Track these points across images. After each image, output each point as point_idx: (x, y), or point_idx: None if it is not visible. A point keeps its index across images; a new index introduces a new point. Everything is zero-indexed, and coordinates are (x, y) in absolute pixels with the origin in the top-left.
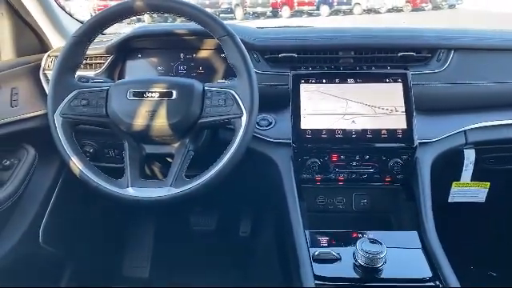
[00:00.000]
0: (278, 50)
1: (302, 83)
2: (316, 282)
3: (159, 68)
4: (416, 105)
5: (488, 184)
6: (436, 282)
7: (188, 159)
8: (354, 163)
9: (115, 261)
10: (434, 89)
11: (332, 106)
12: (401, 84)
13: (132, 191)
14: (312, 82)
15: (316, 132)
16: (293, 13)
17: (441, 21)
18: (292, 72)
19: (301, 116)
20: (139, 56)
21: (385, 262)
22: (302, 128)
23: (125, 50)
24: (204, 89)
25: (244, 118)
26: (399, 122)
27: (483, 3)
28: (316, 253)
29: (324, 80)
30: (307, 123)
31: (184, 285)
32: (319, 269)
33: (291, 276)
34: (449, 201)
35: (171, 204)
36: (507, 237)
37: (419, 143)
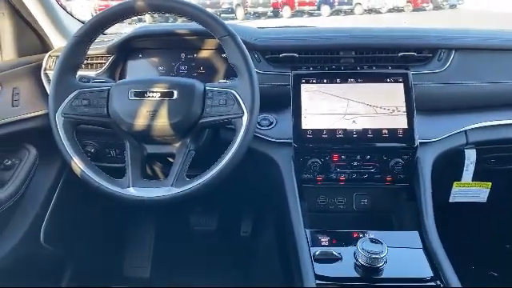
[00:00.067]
0: (279, 50)
1: (303, 83)
2: (317, 282)
3: (160, 68)
4: (417, 105)
5: (489, 184)
6: (437, 282)
7: (189, 159)
8: (355, 163)
9: (116, 261)
10: (435, 89)
11: (333, 106)
12: (402, 84)
13: (133, 191)
14: (313, 82)
15: (317, 132)
16: (294, 13)
17: (442, 21)
18: (293, 72)
19: (302, 116)
20: (140, 56)
21: (386, 262)
22: (303, 128)
23: (126, 50)
24: (205, 89)
25: (245, 118)
26: (400, 122)
27: (484, 3)
28: (317, 252)
29: (325, 80)
30: (308, 123)
31: (185, 285)
32: (320, 268)
33: (292, 276)
34: (450, 201)
35: (172, 204)
36: (508, 237)
37: (420, 143)
